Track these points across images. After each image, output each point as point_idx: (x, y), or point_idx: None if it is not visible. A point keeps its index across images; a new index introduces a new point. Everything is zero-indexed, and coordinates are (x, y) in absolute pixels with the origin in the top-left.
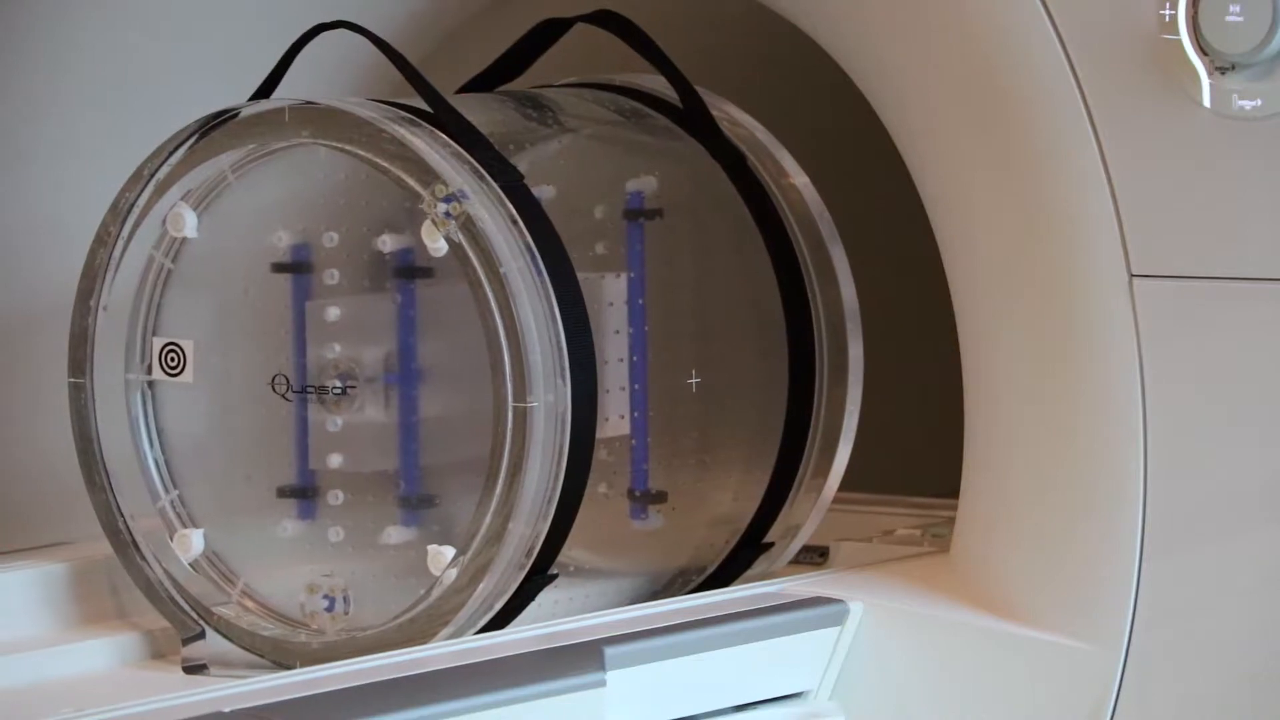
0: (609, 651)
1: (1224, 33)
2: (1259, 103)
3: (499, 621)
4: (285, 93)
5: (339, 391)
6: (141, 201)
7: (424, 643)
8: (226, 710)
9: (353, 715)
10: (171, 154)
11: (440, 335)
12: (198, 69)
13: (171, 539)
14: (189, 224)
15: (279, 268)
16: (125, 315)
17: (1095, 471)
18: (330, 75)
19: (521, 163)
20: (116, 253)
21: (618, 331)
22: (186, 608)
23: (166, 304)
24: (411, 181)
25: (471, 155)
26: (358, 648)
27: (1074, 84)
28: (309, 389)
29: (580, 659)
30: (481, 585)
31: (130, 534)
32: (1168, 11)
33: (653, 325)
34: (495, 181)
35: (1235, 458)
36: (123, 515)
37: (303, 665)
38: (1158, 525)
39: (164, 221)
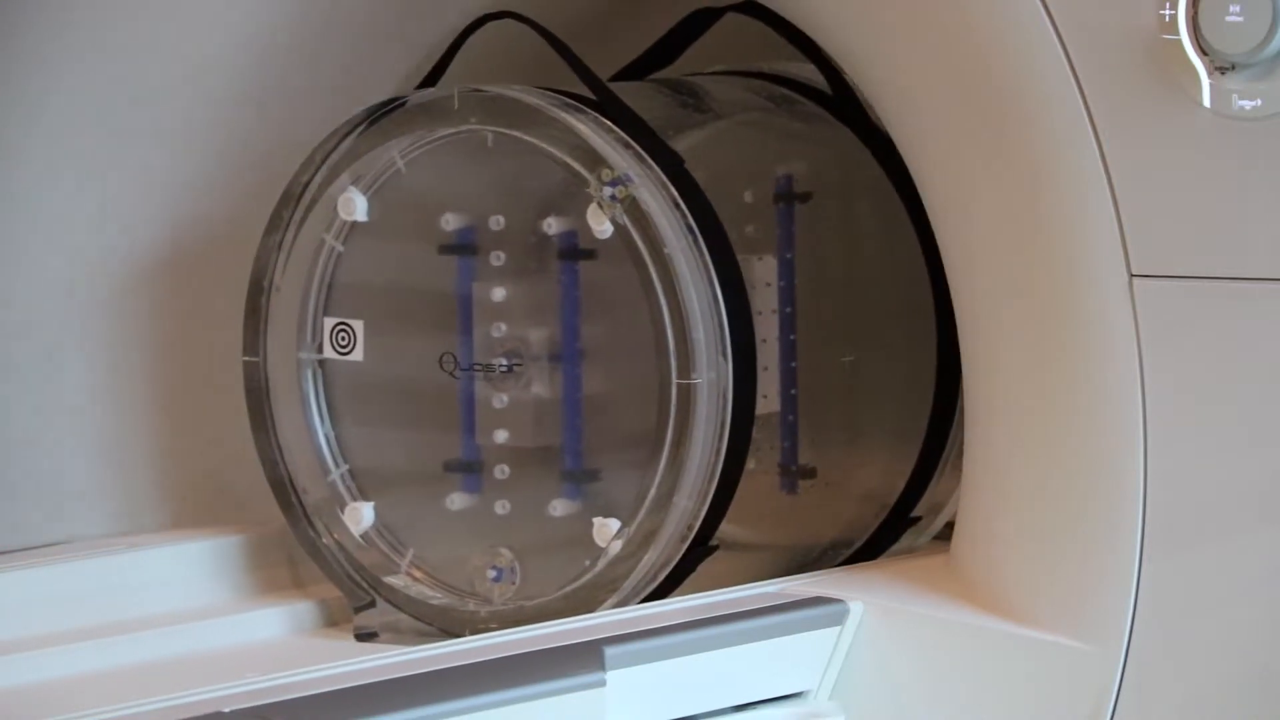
0: (609, 651)
1: (1224, 33)
2: (1259, 103)
3: (661, 591)
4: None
5: (505, 369)
6: (313, 187)
7: (589, 611)
8: (226, 710)
9: (353, 715)
10: (342, 140)
11: (603, 314)
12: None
13: (342, 511)
14: (359, 208)
15: (446, 249)
16: (296, 296)
17: (1095, 472)
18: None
19: (677, 148)
20: (288, 236)
21: (765, 312)
22: (357, 577)
23: (337, 285)
24: (578, 166)
25: (634, 140)
26: (525, 616)
27: (1074, 84)
28: (476, 367)
29: (580, 659)
30: (646, 556)
31: (303, 507)
32: (1168, 11)
33: (801, 306)
34: (657, 165)
35: (1235, 458)
36: (295, 489)
37: (471, 634)
38: (1158, 525)
39: (335, 206)
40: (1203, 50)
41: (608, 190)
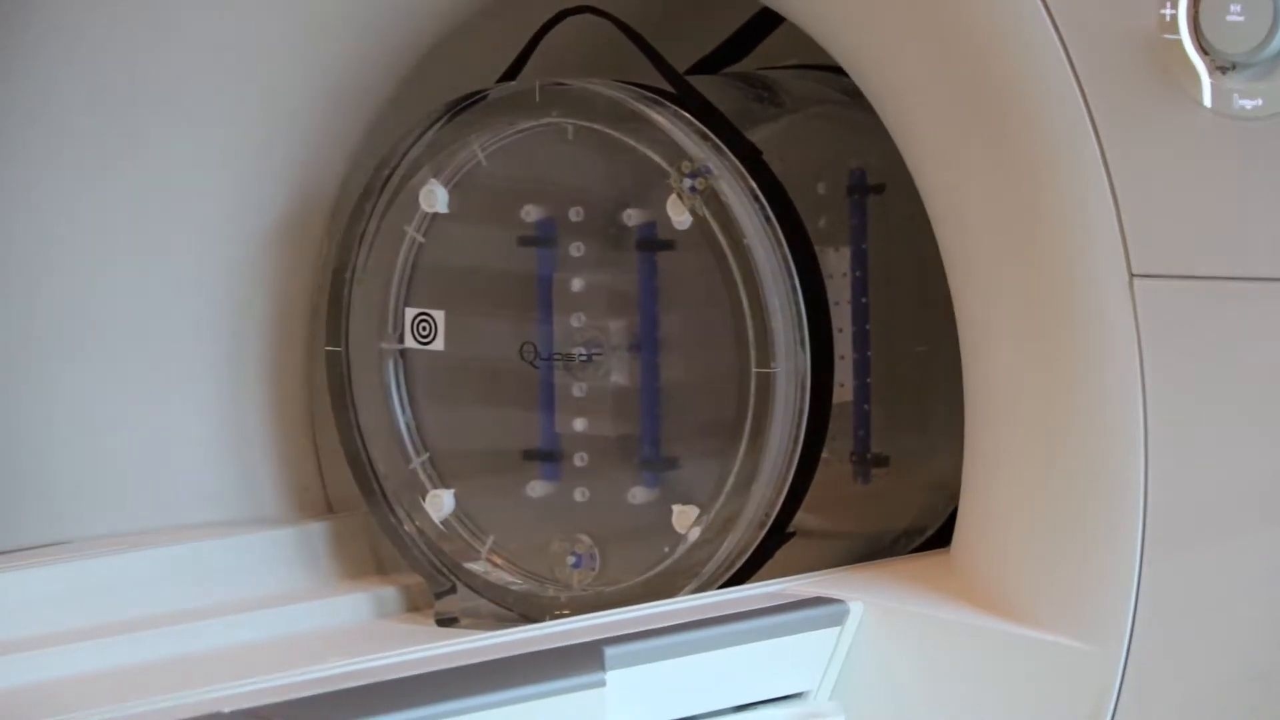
0: (609, 651)
1: (1225, 32)
2: (1260, 102)
3: (739, 577)
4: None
5: (584, 359)
6: (394, 180)
7: (669, 596)
8: (226, 710)
9: (353, 715)
10: (423, 134)
11: (682, 304)
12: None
13: (423, 499)
14: (440, 200)
15: (526, 241)
16: (378, 287)
17: (1096, 471)
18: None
19: (752, 140)
20: (370, 228)
21: (840, 302)
22: (438, 564)
23: (418, 276)
24: (658, 158)
25: (712, 133)
26: (604, 602)
27: (1074, 84)
28: (555, 356)
29: (580, 659)
30: (725, 543)
31: (384, 494)
32: (1168, 11)
33: (874, 296)
34: (736, 157)
35: (1236, 457)
36: (377, 476)
37: (551, 619)
38: (1158, 525)
39: (417, 198)
40: (1203, 50)
41: (687, 182)
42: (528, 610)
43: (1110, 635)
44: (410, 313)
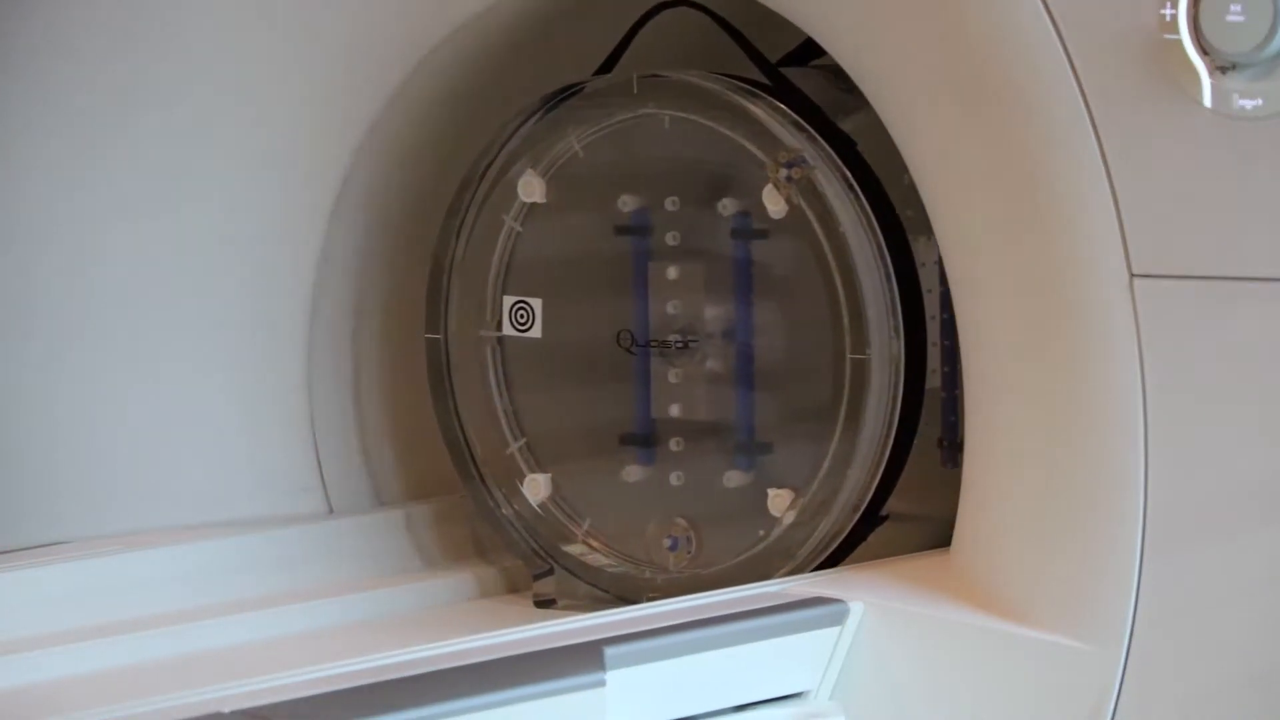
0: (609, 651)
1: (1225, 32)
2: (1260, 102)
3: (833, 560)
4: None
5: (680, 345)
6: (493, 171)
7: (765, 579)
8: (226, 710)
9: (353, 715)
10: (521, 126)
11: (776, 292)
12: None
13: (521, 483)
14: (538, 190)
15: (622, 230)
16: (477, 275)
17: (1096, 471)
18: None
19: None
20: (469, 218)
21: (930, 291)
22: (536, 546)
23: (515, 264)
24: (754, 148)
25: (808, 123)
26: (701, 584)
27: (1074, 84)
28: (651, 343)
29: (580, 659)
30: (820, 526)
31: (482, 478)
32: (1168, 11)
33: None
34: (830, 147)
35: (1236, 457)
36: (475, 461)
37: (647, 600)
38: (1159, 525)
39: (515, 189)
40: (1203, 50)
41: (784, 172)
42: (624, 591)
43: (1110, 635)
44: (508, 301)
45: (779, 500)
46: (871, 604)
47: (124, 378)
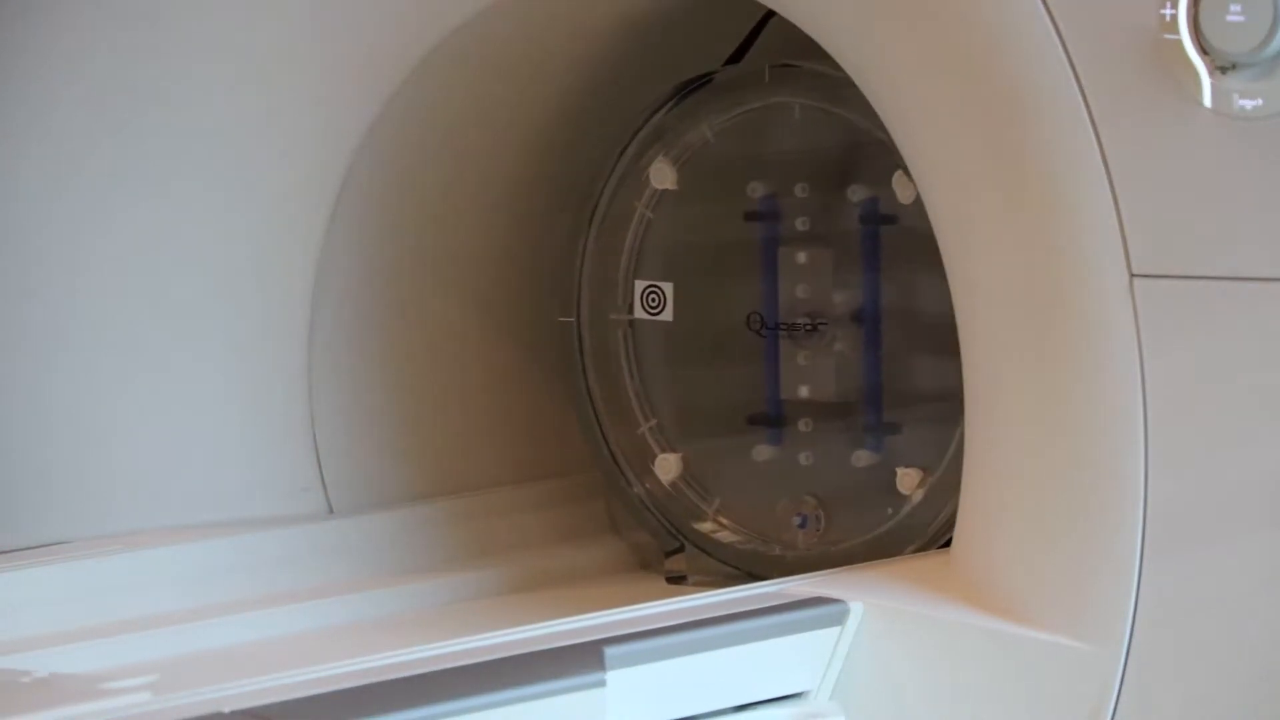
0: (609, 651)
1: (1225, 32)
2: (1260, 102)
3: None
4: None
5: (809, 328)
6: (625, 158)
7: (893, 556)
8: (226, 710)
9: (353, 715)
10: (653, 115)
11: (904, 275)
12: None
13: (652, 462)
14: (670, 177)
15: (751, 216)
16: (609, 260)
17: (1096, 471)
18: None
19: None
20: (602, 204)
21: None
22: (667, 524)
23: (646, 249)
24: (884, 136)
25: None
26: (830, 560)
27: (1074, 83)
28: (780, 326)
29: (580, 659)
30: (949, 505)
31: (614, 457)
32: (1168, 11)
33: None
34: None
35: (1236, 457)
36: (607, 441)
37: (777, 576)
38: (1159, 525)
39: (646, 176)
40: (1203, 49)
41: None
42: (753, 568)
43: (1111, 635)
44: (640, 285)
45: (908, 479)
46: (872, 604)
47: (123, 377)
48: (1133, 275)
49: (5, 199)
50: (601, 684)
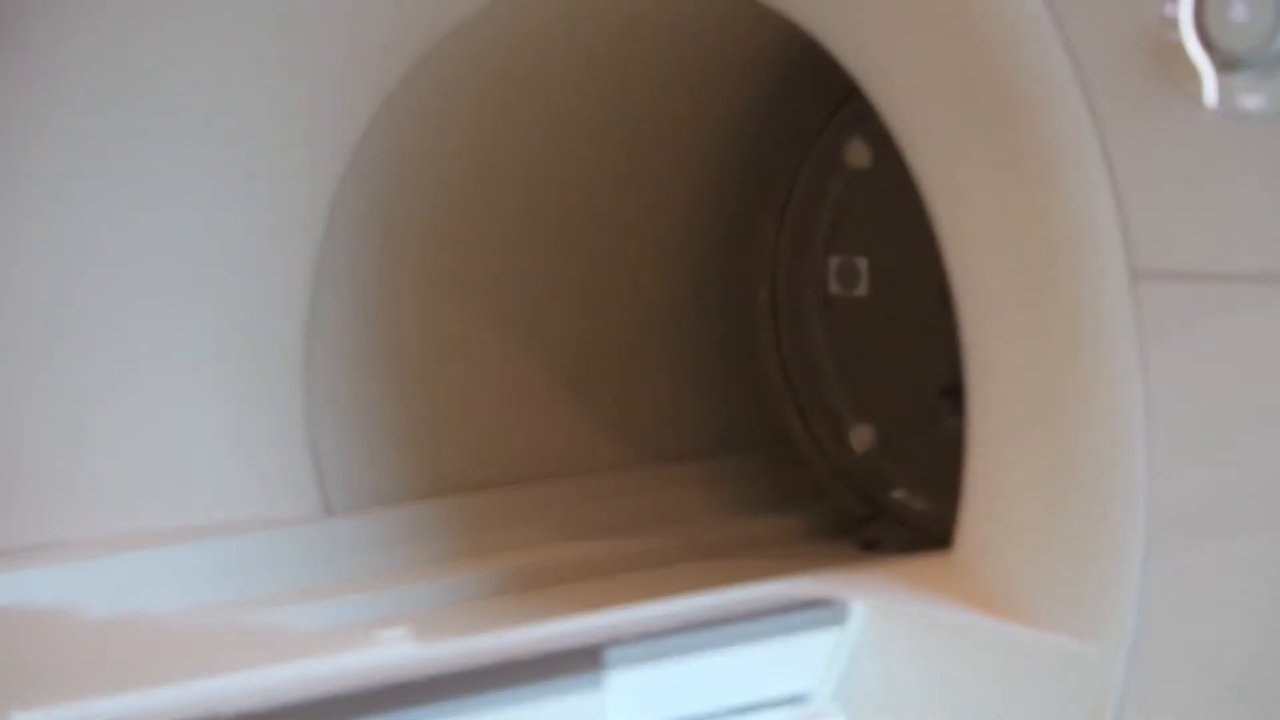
0: (609, 652)
1: (1228, 30)
2: (1263, 101)
3: None
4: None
5: None
6: (822, 139)
7: None
8: (226, 710)
9: (353, 715)
10: (852, 94)
11: None
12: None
13: (846, 433)
14: (865, 156)
15: None
16: (803, 236)
17: (1098, 471)
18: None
19: None
20: (799, 184)
21: None
22: (860, 493)
23: (841, 226)
24: None
25: None
26: None
27: (1076, 82)
28: None
29: (580, 659)
30: None
31: (809, 429)
32: (1171, 9)
33: None
34: None
35: (1239, 457)
36: (802, 413)
37: None
38: (1161, 525)
39: (841, 155)
40: (1207, 48)
41: None
42: (947, 535)
43: (1113, 636)
44: (834, 261)
45: None
46: (873, 605)
47: (120, 377)
48: (1135, 274)
49: (5, 199)
50: (601, 685)
